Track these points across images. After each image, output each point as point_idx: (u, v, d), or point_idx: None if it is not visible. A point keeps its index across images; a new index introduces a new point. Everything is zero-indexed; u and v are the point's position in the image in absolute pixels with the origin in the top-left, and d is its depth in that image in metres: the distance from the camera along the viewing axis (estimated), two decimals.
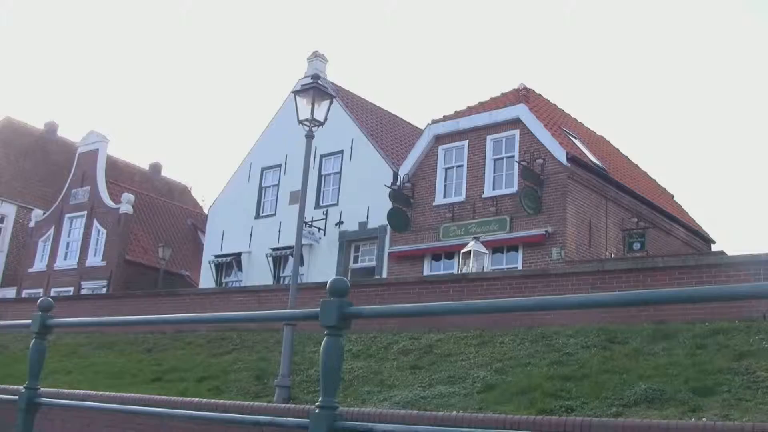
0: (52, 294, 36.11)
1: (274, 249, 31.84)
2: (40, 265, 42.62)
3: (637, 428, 8.77)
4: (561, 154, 24.79)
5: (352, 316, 4.28)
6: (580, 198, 25.14)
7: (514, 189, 25.58)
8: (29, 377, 6.54)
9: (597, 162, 27.37)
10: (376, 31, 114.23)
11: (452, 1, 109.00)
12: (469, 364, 13.15)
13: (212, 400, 12.84)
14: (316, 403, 4.22)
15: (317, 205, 30.91)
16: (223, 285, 33.00)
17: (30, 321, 6.54)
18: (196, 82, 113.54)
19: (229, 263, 33.95)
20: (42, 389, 6.60)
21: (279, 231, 31.93)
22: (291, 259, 30.31)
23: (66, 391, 14.09)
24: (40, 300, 6.63)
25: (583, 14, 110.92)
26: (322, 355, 4.27)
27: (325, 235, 30.58)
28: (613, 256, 25.00)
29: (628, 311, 13.48)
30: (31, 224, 44.43)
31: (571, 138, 27.87)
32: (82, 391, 14.33)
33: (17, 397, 6.48)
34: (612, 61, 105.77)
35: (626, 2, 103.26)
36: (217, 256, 34.31)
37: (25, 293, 41.01)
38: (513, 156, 26.04)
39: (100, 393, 14.11)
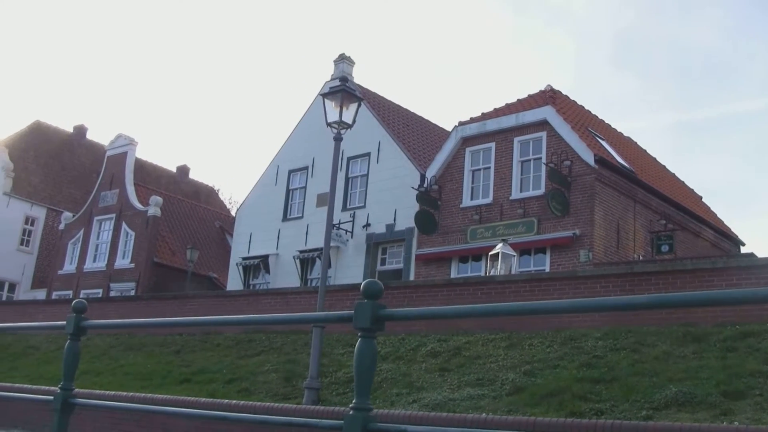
0: (81, 296, 36.35)
1: (301, 251, 31.91)
2: (69, 267, 42.97)
3: (667, 431, 8.72)
4: (588, 156, 24.70)
5: (386, 318, 4.30)
6: (607, 200, 25.03)
7: (542, 191, 25.52)
8: (64, 378, 6.57)
9: (625, 164, 27.24)
10: (401, 33, 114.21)
11: (478, 3, 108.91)
12: (498, 366, 13.12)
13: (241, 402, 12.89)
14: (350, 405, 4.24)
15: (344, 208, 30.95)
16: (251, 287, 33.11)
17: (64, 322, 6.57)
18: (224, 85, 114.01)
19: (257, 265, 34.05)
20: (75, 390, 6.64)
21: (306, 233, 32.02)
22: (318, 262, 30.44)
23: (97, 391, 14.20)
24: (74, 302, 6.67)
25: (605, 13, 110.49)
26: (356, 357, 4.29)
27: (352, 237, 30.61)
28: (641, 258, 24.86)
29: (657, 314, 13.41)
30: (61, 227, 44.79)
31: (599, 140, 27.76)
32: (112, 392, 14.43)
33: (52, 397, 6.52)
34: (625, 60, 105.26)
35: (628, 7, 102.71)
36: (244, 259, 34.43)
37: (55, 295, 41.37)
38: (540, 158, 25.98)
39: (131, 394, 14.21)
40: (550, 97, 28.33)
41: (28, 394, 12.79)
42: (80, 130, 55.30)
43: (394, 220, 29.48)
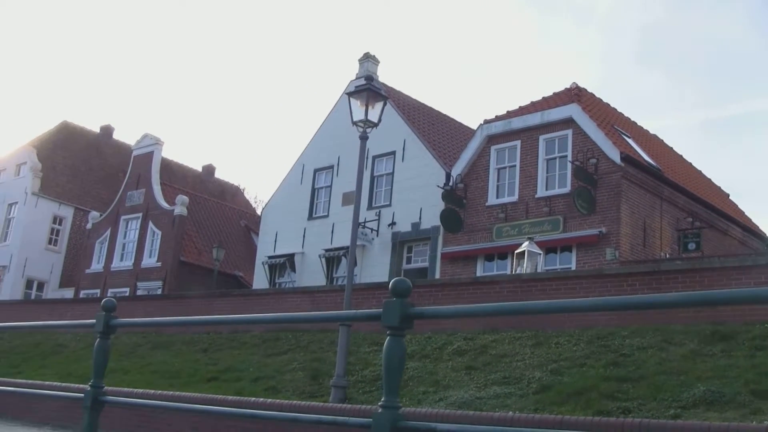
0: (108, 295, 36.60)
1: (327, 250, 31.98)
2: (97, 266, 43.27)
3: (696, 430, 8.68)
4: (614, 154, 24.61)
5: (415, 316, 4.31)
6: (634, 198, 24.92)
7: (567, 189, 25.45)
8: (94, 376, 6.62)
9: (651, 161, 27.10)
10: (425, 32, 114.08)
11: (503, 0, 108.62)
12: (525, 364, 13.10)
13: (269, 400, 12.95)
14: (379, 403, 4.26)
15: (370, 206, 30.99)
16: (277, 286, 33.21)
17: (94, 321, 6.62)
18: (250, 85, 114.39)
19: (283, 264, 34.15)
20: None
21: (332, 232, 32.08)
22: (344, 260, 30.49)
23: (125, 389, 14.30)
24: (103, 300, 6.71)
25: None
26: (385, 355, 4.31)
27: (377, 236, 30.65)
28: (668, 256, 24.72)
29: (684, 312, 13.32)
30: (88, 226, 45.11)
31: (625, 137, 27.65)
32: (140, 390, 14.53)
33: (83, 395, 6.57)
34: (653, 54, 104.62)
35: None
36: (270, 257, 34.53)
37: (82, 294, 41.69)
38: (566, 156, 25.90)
39: (159, 392, 14.30)
40: (575, 94, 28.24)
41: (58, 392, 12.90)
42: (107, 131, 55.67)
43: (420, 218, 29.49)
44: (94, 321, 6.62)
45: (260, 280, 34.63)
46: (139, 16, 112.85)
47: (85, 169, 51.15)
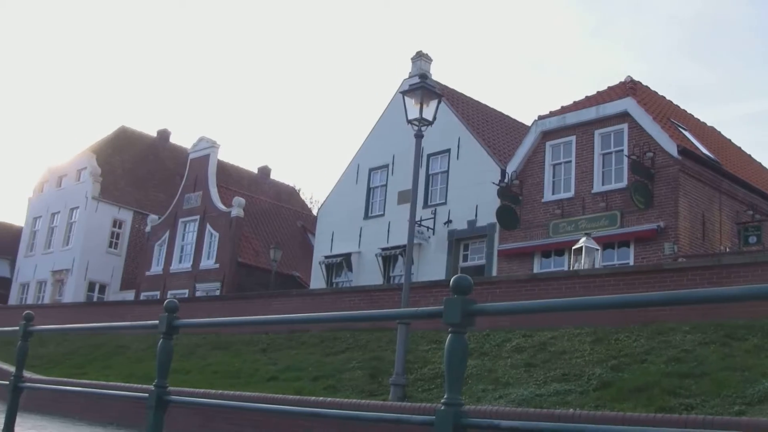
0: (168, 296, 37.03)
1: (383, 249, 32.05)
2: (156, 268, 43.87)
3: (762, 427, 8.54)
4: (671, 147, 24.33)
5: (476, 313, 4.32)
6: (692, 191, 24.62)
7: (624, 184, 25.21)
8: (158, 376, 6.70)
9: (709, 154, 26.74)
10: (478, 29, 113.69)
11: None
12: (584, 361, 13.02)
13: (329, 399, 13.03)
14: (441, 400, 4.28)
15: (426, 205, 30.98)
16: (334, 285, 33.36)
17: (156, 322, 6.73)
18: (303, 86, 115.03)
19: (339, 264, 34.30)
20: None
21: (388, 231, 32.15)
22: (400, 259, 30.55)
23: (187, 389, 14.48)
24: (166, 302, 6.81)
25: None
26: (447, 352, 4.32)
27: (433, 234, 30.64)
28: (728, 250, 24.38)
29: (747, 306, 13.10)
30: (147, 229, 45.76)
31: (682, 130, 27.31)
32: (202, 390, 14.70)
33: (147, 395, 6.68)
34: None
35: None
36: (327, 257, 34.70)
37: (143, 296, 42.30)
38: (622, 150, 25.66)
39: (220, 392, 14.45)
40: (630, 88, 27.97)
41: (123, 392, 13.11)
42: (164, 135, 56.44)
43: (476, 216, 29.43)
44: (157, 322, 6.72)
45: (317, 280, 34.81)
46: (195, 22, 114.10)
47: (143, 173, 51.87)
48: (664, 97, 31.33)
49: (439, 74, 46.53)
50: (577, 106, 28.19)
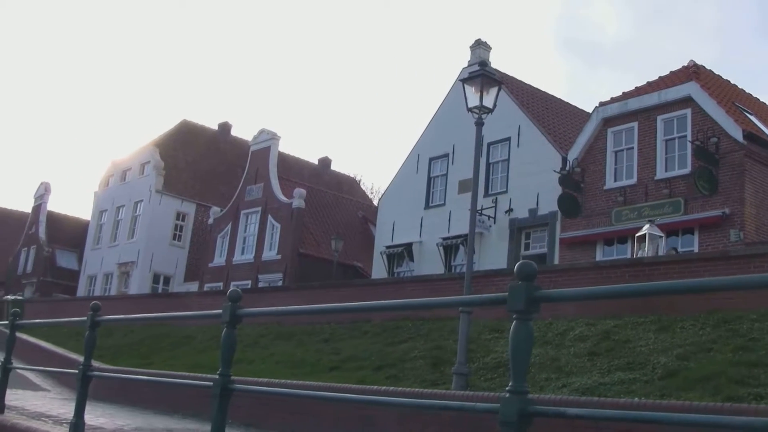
0: (231, 287, 37.40)
1: (444, 238, 32.03)
2: (219, 260, 44.37)
3: None
4: (736, 132, 23.91)
5: (541, 299, 4.30)
6: (758, 177, 24.16)
7: (688, 170, 24.86)
8: (222, 364, 6.80)
9: None
10: (536, 17, 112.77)
11: None
12: (649, 350, 12.86)
13: (391, 388, 13.05)
14: (506, 388, 4.27)
15: (486, 193, 30.88)
16: (395, 275, 33.42)
17: (220, 311, 6.82)
18: (363, 76, 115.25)
19: (401, 253, 34.36)
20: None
21: (449, 220, 32.12)
22: (462, 248, 30.50)
23: (250, 378, 14.61)
24: (229, 291, 6.90)
25: None
26: (511, 339, 4.30)
27: (495, 223, 30.54)
28: None
29: None
30: (210, 221, 46.33)
31: (747, 114, 26.80)
32: (264, 379, 14.83)
33: (212, 383, 6.77)
34: None
35: None
36: (388, 247, 34.78)
37: (206, 287, 42.83)
38: (685, 136, 25.30)
39: (283, 381, 14.56)
40: (693, 72, 27.52)
41: (188, 381, 13.28)
42: (225, 127, 57.04)
43: (537, 204, 29.26)
44: (220, 311, 6.80)
45: (379, 270, 34.91)
46: (257, 15, 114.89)
47: (205, 165, 52.49)
48: (728, 81, 30.78)
49: (498, 62, 46.34)
50: (638, 91, 27.83)
